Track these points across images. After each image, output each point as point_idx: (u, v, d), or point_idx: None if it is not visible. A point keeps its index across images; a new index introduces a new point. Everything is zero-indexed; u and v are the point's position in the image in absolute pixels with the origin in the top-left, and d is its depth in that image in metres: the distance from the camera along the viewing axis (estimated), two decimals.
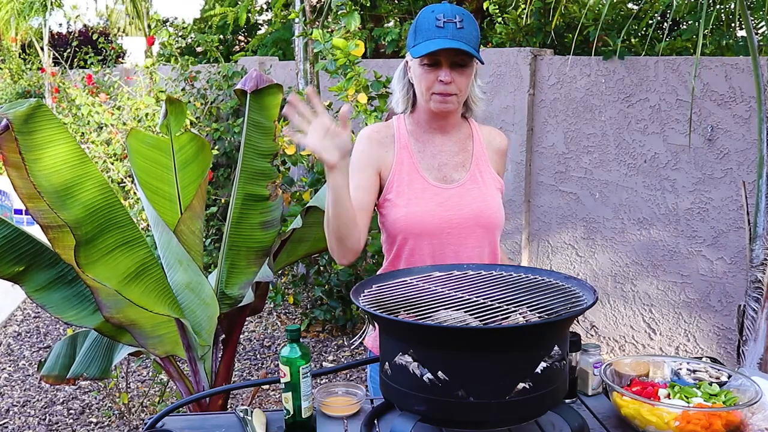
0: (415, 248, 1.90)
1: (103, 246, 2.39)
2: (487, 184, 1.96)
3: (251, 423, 1.60)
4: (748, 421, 1.52)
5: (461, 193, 1.92)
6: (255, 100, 2.89)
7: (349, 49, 3.87)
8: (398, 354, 1.42)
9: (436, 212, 1.88)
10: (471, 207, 1.92)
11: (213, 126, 6.25)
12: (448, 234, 1.89)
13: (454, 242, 1.90)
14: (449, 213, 1.89)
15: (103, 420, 3.75)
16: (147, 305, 2.55)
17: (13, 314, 5.47)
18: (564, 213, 4.36)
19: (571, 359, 1.67)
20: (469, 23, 1.82)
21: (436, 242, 1.89)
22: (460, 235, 1.90)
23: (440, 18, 1.80)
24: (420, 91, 1.88)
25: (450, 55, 1.81)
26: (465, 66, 1.84)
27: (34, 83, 10.91)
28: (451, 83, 1.83)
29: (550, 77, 4.33)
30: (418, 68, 1.85)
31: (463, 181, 1.94)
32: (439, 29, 1.80)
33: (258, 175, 2.94)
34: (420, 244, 1.89)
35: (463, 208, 1.91)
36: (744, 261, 3.48)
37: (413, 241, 1.89)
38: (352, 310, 4.69)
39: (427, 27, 1.81)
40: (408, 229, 1.88)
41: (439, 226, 1.88)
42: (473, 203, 1.92)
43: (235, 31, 9.47)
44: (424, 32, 1.81)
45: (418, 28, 1.83)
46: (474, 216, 1.92)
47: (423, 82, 1.85)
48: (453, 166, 1.96)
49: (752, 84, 3.24)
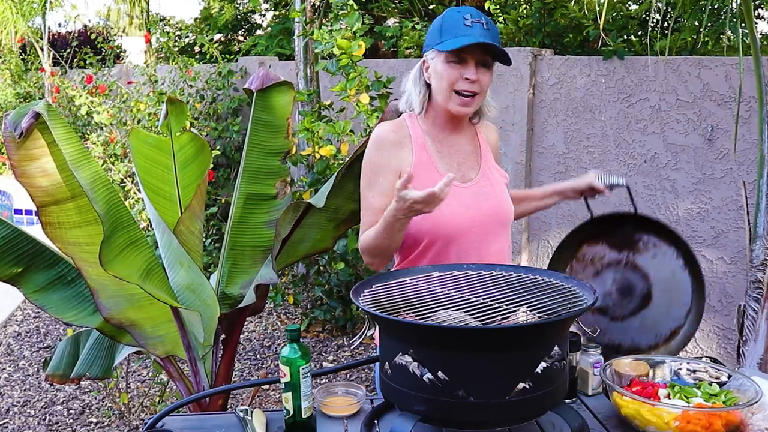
0: (441, 250, 1.90)
1: (115, 245, 2.39)
2: (497, 180, 1.99)
3: (251, 423, 1.60)
4: (748, 421, 1.52)
5: (478, 192, 1.93)
6: (261, 99, 2.90)
7: (352, 50, 3.87)
8: (398, 354, 1.42)
9: (460, 212, 1.88)
10: (489, 204, 1.93)
11: (212, 125, 6.26)
12: (471, 233, 1.90)
13: (476, 240, 1.90)
14: (471, 212, 1.90)
15: (103, 420, 3.75)
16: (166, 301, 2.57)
17: (13, 314, 5.47)
18: (564, 213, 4.36)
19: (571, 359, 1.67)
20: (493, 27, 1.86)
21: (462, 242, 1.89)
22: (482, 233, 1.91)
23: (468, 18, 1.82)
24: (441, 89, 1.87)
25: (478, 54, 1.83)
26: (488, 67, 1.87)
27: (34, 83, 10.91)
28: (476, 82, 1.84)
29: (550, 77, 4.33)
30: (441, 65, 1.85)
31: (478, 179, 1.95)
32: (467, 27, 1.81)
33: (264, 174, 2.94)
34: (446, 246, 1.89)
35: (482, 206, 1.92)
36: (744, 261, 3.47)
37: (441, 243, 1.89)
38: (352, 310, 4.69)
39: (455, 25, 1.82)
40: (434, 231, 1.88)
41: (463, 226, 1.89)
42: (490, 200, 1.94)
43: (234, 29, 9.48)
44: (452, 29, 1.82)
45: (444, 25, 1.84)
46: (493, 213, 1.93)
47: (446, 78, 1.84)
48: (469, 164, 1.97)
49: (752, 84, 3.24)
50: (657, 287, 1.87)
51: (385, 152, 1.90)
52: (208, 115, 6.43)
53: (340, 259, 4.35)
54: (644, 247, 1.92)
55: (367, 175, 1.92)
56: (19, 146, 2.41)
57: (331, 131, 3.94)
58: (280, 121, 2.95)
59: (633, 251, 1.94)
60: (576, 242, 2.05)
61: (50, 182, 2.48)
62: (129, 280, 2.40)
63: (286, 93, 2.94)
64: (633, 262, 1.93)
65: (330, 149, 4.11)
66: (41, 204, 2.48)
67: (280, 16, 8.53)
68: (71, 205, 2.53)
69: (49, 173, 2.47)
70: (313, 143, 4.20)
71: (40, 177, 2.47)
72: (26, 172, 2.45)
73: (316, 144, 4.19)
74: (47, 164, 2.47)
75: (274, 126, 2.94)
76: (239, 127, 6.18)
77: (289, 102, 2.95)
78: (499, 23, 5.29)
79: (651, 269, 1.89)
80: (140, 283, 2.43)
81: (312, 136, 4.17)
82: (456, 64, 1.83)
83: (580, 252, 2.03)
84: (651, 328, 1.86)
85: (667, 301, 1.85)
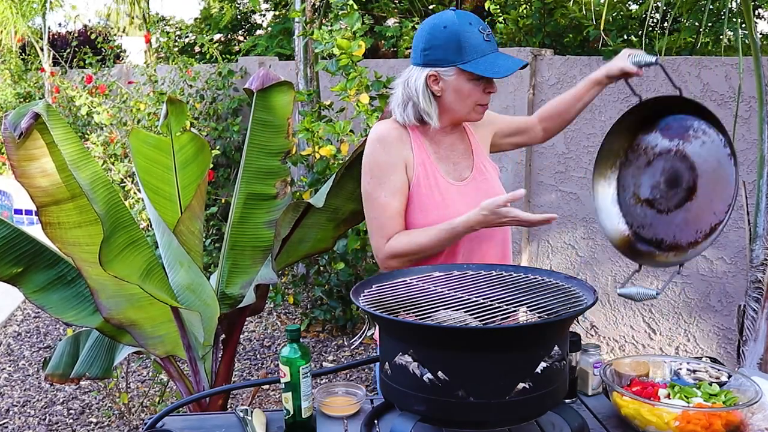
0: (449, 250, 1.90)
1: (115, 245, 2.39)
2: (491, 174, 2.00)
3: (251, 423, 1.60)
4: (748, 421, 1.52)
5: (476, 188, 1.94)
6: (261, 99, 2.90)
7: (352, 50, 3.87)
8: (398, 354, 1.42)
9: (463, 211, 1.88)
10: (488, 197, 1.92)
11: (212, 125, 6.26)
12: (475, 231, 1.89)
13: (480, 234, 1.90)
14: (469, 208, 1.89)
15: (103, 420, 3.75)
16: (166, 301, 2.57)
17: (13, 314, 5.47)
18: (564, 213, 4.36)
19: (571, 359, 1.67)
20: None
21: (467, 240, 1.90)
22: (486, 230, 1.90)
23: (483, 32, 1.83)
24: (465, 105, 1.87)
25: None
26: None
27: (34, 83, 10.91)
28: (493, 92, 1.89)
29: (550, 77, 4.33)
30: (466, 83, 1.84)
31: (474, 176, 1.96)
32: (488, 43, 1.83)
33: (264, 174, 2.94)
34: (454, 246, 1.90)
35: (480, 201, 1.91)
36: (744, 261, 3.47)
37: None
38: (352, 310, 4.69)
39: (476, 42, 1.81)
40: None
41: None
42: (488, 194, 1.93)
43: (234, 29, 9.48)
44: (475, 48, 1.81)
45: (464, 43, 1.81)
46: None
47: (472, 96, 1.86)
48: (464, 163, 1.98)
49: (752, 84, 3.24)
50: (702, 178, 1.76)
51: (391, 150, 1.89)
52: (208, 115, 6.43)
53: (340, 259, 4.35)
54: (694, 135, 1.80)
55: (375, 175, 1.89)
56: (18, 146, 2.42)
57: (331, 131, 3.94)
58: (280, 121, 2.95)
59: (683, 139, 1.82)
60: (627, 131, 1.93)
61: (50, 182, 2.49)
62: (129, 280, 2.40)
63: (286, 93, 2.94)
64: (683, 151, 1.81)
65: (330, 149, 4.11)
66: (41, 204, 2.48)
67: (280, 16, 8.53)
68: (71, 205, 2.53)
69: (49, 173, 2.48)
70: (313, 143, 4.20)
71: (39, 177, 2.47)
72: (26, 173, 2.45)
73: (316, 144, 4.19)
74: (47, 164, 2.47)
75: (274, 126, 2.94)
76: (239, 127, 6.18)
77: (289, 102, 2.95)
78: (499, 23, 5.30)
79: (698, 158, 1.77)
80: (140, 283, 2.43)
81: (312, 136, 4.17)
82: (479, 81, 1.84)
83: (635, 141, 1.91)
84: (693, 223, 1.77)
85: (711, 193, 1.74)
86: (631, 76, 1.97)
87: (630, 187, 1.90)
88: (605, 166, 1.94)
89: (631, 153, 1.92)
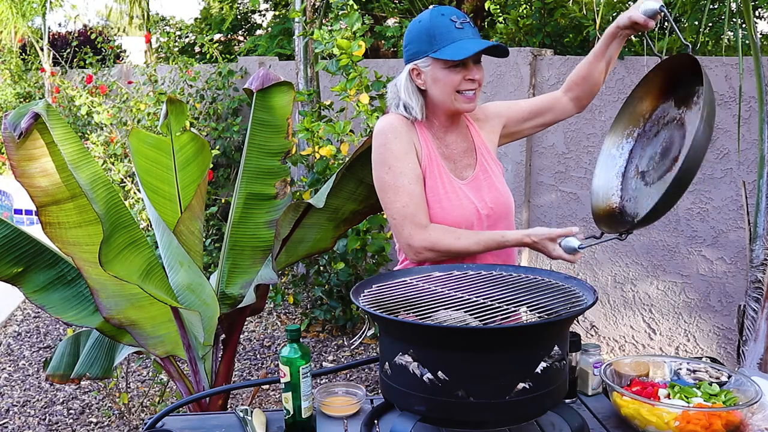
0: None
1: (115, 245, 2.39)
2: (495, 171, 2.00)
3: (251, 423, 1.60)
4: (748, 421, 1.52)
5: (479, 185, 1.95)
6: (261, 99, 2.90)
7: (352, 50, 3.87)
8: (398, 354, 1.42)
9: (467, 207, 1.90)
10: (490, 196, 1.95)
11: (212, 125, 6.26)
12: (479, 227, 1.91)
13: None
14: (475, 205, 1.91)
15: (103, 420, 3.75)
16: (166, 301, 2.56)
17: (13, 314, 5.47)
18: (564, 213, 4.36)
19: (571, 359, 1.67)
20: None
21: None
22: (488, 226, 1.92)
23: (455, 20, 1.83)
24: (444, 93, 1.87)
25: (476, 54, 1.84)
26: (480, 61, 1.88)
27: (34, 83, 10.91)
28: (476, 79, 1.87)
29: (550, 77, 4.33)
30: (441, 71, 1.85)
31: (477, 173, 1.96)
32: (459, 30, 1.83)
33: (264, 174, 2.94)
34: None
35: (484, 198, 1.93)
36: (744, 261, 3.48)
37: None
38: (352, 310, 4.69)
39: (446, 30, 1.82)
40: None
41: (471, 220, 1.90)
42: (491, 192, 1.95)
43: (234, 29, 9.48)
44: (445, 36, 1.82)
45: (434, 32, 1.83)
46: (496, 203, 1.95)
47: (449, 83, 1.85)
48: (466, 161, 1.98)
49: (752, 84, 3.24)
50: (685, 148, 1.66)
51: (402, 137, 1.89)
52: (208, 115, 6.43)
53: (340, 259, 4.35)
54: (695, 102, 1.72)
55: (392, 165, 1.87)
56: (18, 146, 2.42)
57: (331, 131, 3.94)
58: (280, 121, 2.95)
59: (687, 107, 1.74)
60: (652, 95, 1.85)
61: (50, 182, 2.49)
62: (129, 280, 2.40)
63: (286, 93, 2.94)
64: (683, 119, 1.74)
65: (330, 149, 4.11)
66: (41, 204, 2.48)
67: (280, 17, 8.53)
68: (71, 205, 2.54)
69: (49, 173, 2.48)
70: (313, 143, 4.20)
71: (39, 177, 2.47)
72: (26, 172, 2.46)
73: (316, 144, 4.19)
74: (47, 164, 2.47)
75: (274, 126, 2.94)
76: (239, 127, 6.18)
77: (289, 102, 2.95)
78: (499, 23, 5.29)
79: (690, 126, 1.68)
80: (140, 283, 2.43)
81: (312, 136, 4.17)
82: (456, 68, 1.84)
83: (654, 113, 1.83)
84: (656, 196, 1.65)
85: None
86: (640, 26, 1.90)
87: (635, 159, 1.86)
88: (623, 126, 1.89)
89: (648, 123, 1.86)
